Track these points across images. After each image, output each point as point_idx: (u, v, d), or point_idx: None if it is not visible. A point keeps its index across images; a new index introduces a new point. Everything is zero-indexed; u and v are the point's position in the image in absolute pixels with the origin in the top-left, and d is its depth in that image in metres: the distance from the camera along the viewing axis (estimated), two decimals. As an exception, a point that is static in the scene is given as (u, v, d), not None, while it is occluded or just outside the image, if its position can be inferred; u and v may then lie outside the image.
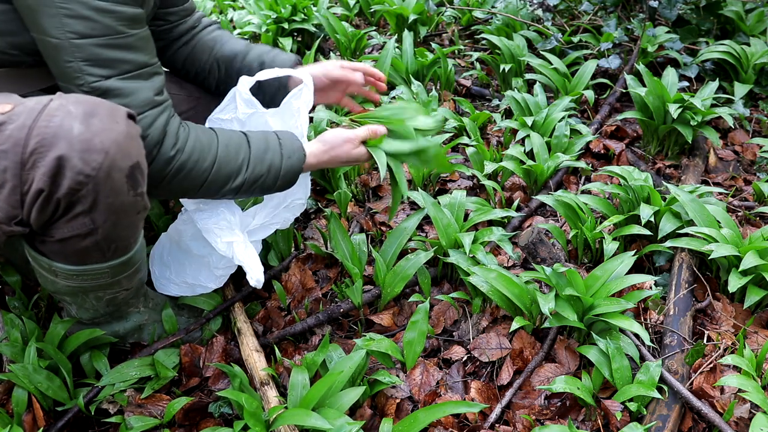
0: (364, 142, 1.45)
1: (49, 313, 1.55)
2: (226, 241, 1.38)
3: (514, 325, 1.41)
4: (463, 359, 1.50)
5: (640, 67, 2.26)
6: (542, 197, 1.82)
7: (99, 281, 1.26)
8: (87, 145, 1.02)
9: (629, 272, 1.51)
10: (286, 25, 3.04)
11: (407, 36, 2.66)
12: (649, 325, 1.54)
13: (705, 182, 2.10)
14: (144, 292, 1.46)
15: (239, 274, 1.73)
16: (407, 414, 1.34)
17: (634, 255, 1.53)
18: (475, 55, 2.77)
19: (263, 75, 1.45)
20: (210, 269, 1.51)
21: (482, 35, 2.82)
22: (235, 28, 3.46)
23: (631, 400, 1.30)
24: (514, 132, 2.26)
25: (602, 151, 2.22)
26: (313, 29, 3.06)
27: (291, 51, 2.92)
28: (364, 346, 1.37)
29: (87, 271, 1.21)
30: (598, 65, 2.50)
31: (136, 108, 1.15)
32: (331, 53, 2.61)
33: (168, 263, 1.53)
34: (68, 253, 1.16)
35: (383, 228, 1.92)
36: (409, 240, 1.67)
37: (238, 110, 1.44)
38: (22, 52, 1.18)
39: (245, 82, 1.44)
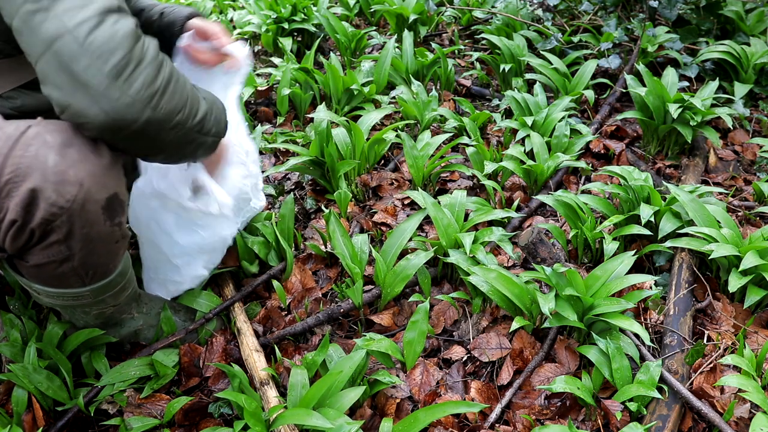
0: None
1: (48, 313, 1.55)
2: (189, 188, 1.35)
3: (514, 325, 1.41)
4: (463, 359, 1.50)
5: (640, 67, 2.25)
6: (542, 197, 1.82)
7: (81, 301, 1.25)
8: (61, 177, 0.99)
9: (629, 272, 1.51)
10: (286, 25, 3.04)
11: (407, 36, 2.66)
12: (649, 325, 1.54)
13: (705, 182, 2.09)
14: (136, 298, 1.45)
15: (239, 275, 1.73)
16: (407, 414, 1.34)
17: (634, 255, 1.53)
18: (475, 55, 2.77)
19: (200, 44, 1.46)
20: (168, 259, 1.49)
21: (482, 35, 2.82)
22: (235, 27, 3.46)
23: (631, 400, 1.30)
24: (514, 132, 2.26)
25: (602, 151, 2.22)
26: (313, 29, 3.06)
27: (291, 51, 2.92)
28: (364, 346, 1.37)
29: (66, 293, 1.20)
30: (598, 65, 2.50)
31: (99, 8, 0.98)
32: (331, 53, 2.61)
33: (147, 265, 1.54)
34: (45, 277, 1.15)
35: (383, 228, 1.92)
36: (410, 240, 1.67)
37: None
38: None
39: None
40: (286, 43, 2.92)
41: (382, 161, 2.27)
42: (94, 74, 0.95)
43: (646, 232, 1.64)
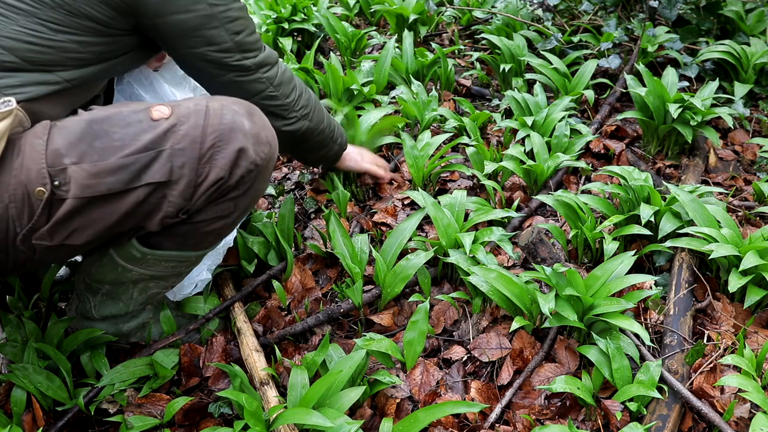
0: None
1: (48, 313, 1.55)
2: None
3: (514, 325, 1.41)
4: (463, 359, 1.50)
5: (640, 67, 2.25)
6: (542, 197, 1.82)
7: (178, 269, 1.32)
8: (257, 138, 1.16)
9: (629, 272, 1.51)
10: (286, 25, 3.03)
11: (407, 36, 2.66)
12: (649, 325, 1.54)
13: (705, 182, 2.09)
14: None
15: (239, 274, 1.73)
16: (407, 414, 1.34)
17: (634, 255, 1.53)
18: (475, 55, 2.77)
19: None
20: None
21: (482, 35, 2.82)
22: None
23: (631, 400, 1.30)
24: (514, 132, 2.26)
25: (602, 151, 2.22)
26: (313, 29, 3.06)
27: (291, 51, 2.92)
28: (364, 346, 1.37)
29: (182, 257, 1.27)
30: (598, 65, 2.50)
31: (275, 59, 1.41)
32: (331, 53, 2.61)
33: None
34: (187, 235, 1.22)
35: (383, 228, 1.92)
36: (410, 240, 1.67)
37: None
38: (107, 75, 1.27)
39: None
40: (286, 43, 2.92)
41: (382, 161, 2.27)
42: (284, 108, 1.46)
43: (646, 232, 1.64)
